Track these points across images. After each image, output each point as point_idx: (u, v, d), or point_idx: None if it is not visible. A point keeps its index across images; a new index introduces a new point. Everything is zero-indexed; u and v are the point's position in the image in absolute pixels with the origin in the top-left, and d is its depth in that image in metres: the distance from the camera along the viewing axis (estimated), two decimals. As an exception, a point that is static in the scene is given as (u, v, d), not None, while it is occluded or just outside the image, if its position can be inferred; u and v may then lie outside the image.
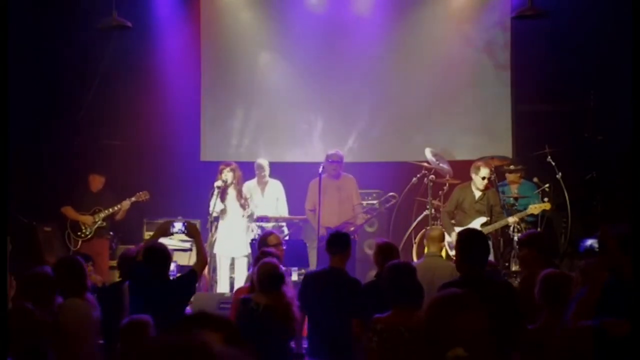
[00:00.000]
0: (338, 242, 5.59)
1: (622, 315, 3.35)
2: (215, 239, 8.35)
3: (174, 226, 5.42)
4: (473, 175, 8.10)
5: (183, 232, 5.42)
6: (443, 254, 7.29)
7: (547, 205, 7.95)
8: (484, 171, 8.01)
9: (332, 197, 8.18)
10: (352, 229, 8.11)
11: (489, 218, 7.94)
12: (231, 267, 8.44)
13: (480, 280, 4.37)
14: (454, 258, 7.75)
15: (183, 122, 9.86)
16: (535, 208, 7.95)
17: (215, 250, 8.37)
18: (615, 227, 3.75)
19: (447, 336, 2.54)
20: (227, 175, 8.23)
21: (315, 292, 5.27)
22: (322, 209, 7.89)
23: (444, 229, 8.13)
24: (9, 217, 7.17)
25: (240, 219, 8.36)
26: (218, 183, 8.20)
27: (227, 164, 8.36)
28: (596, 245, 3.72)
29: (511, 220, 7.85)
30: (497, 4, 9.63)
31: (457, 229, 7.85)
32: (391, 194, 8.67)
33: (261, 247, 6.06)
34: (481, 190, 8.05)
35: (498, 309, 4.14)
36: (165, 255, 5.14)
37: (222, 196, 8.24)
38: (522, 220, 8.15)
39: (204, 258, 5.47)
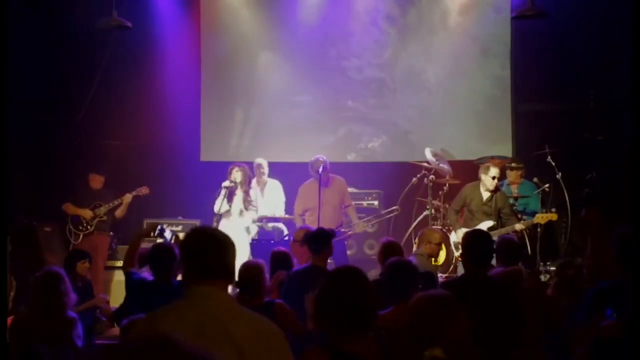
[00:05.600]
0: (321, 240, 5.60)
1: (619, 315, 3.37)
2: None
3: (162, 233, 5.33)
4: (482, 176, 7.84)
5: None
6: (442, 255, 7.43)
7: (553, 216, 7.79)
8: (494, 171, 7.80)
9: (326, 202, 8.07)
10: (349, 232, 8.10)
11: (495, 222, 7.77)
12: None
13: (481, 280, 4.39)
14: (459, 259, 7.83)
15: (183, 122, 9.86)
16: (541, 217, 7.80)
17: None
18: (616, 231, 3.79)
19: (427, 335, 2.57)
20: (236, 175, 8.21)
21: (301, 290, 5.25)
22: (315, 214, 7.86)
23: (451, 227, 8.13)
24: (9, 217, 7.20)
25: (243, 220, 8.34)
26: (226, 183, 8.19)
27: (237, 165, 8.34)
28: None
29: (518, 227, 7.73)
30: (497, 4, 9.63)
31: (465, 230, 7.84)
32: (395, 207, 8.62)
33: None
34: (490, 192, 7.85)
35: (497, 309, 4.17)
36: (170, 255, 4.94)
37: (230, 197, 8.23)
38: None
39: None
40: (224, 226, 8.35)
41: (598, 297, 3.74)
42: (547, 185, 8.44)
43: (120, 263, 8.94)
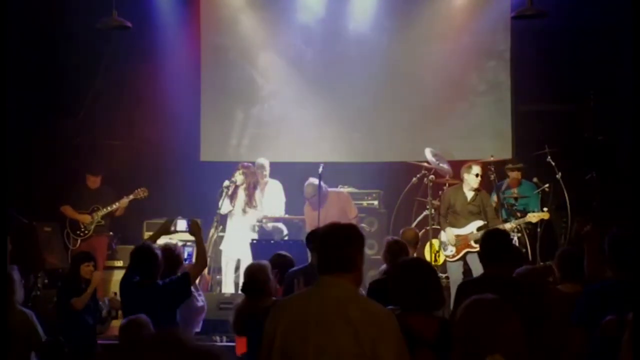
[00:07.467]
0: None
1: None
2: (216, 238, 8.35)
3: (176, 224, 5.32)
4: (465, 176, 7.90)
5: (187, 231, 5.29)
6: (427, 256, 7.55)
7: (545, 215, 7.84)
8: (476, 169, 7.86)
9: (323, 220, 8.00)
10: None
11: (486, 222, 7.78)
12: (238, 268, 8.39)
13: (502, 279, 4.33)
14: (447, 258, 7.86)
15: (183, 122, 9.86)
16: (533, 217, 7.85)
17: (222, 247, 8.38)
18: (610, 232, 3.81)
19: (484, 342, 2.52)
20: (238, 177, 8.22)
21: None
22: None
23: (441, 228, 8.15)
24: (9, 217, 7.19)
25: (247, 220, 8.33)
26: (226, 183, 8.19)
27: (244, 166, 8.33)
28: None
29: (508, 226, 7.73)
30: (497, 4, 9.63)
31: (452, 230, 7.87)
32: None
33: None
34: (474, 191, 7.89)
35: (520, 307, 4.12)
36: (149, 255, 4.93)
37: (232, 196, 8.23)
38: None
39: (204, 260, 5.33)
40: (229, 226, 8.36)
41: (592, 297, 3.74)
42: (547, 185, 8.45)
43: (119, 263, 8.96)
